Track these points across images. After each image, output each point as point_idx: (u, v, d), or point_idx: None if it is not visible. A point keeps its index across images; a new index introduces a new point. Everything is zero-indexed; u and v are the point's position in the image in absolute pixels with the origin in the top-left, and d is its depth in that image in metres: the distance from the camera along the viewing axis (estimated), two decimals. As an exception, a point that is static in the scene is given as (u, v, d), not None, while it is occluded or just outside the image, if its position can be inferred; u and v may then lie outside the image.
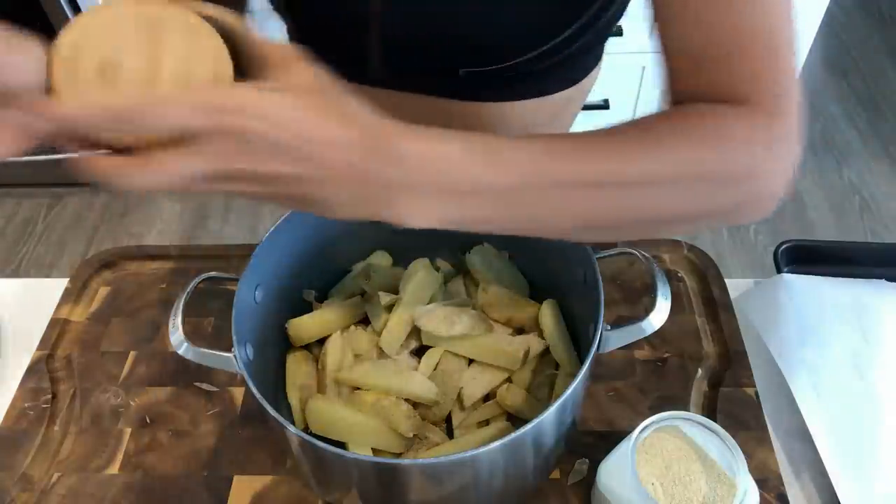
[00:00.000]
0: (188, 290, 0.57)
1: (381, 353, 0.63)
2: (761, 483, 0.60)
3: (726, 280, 0.77)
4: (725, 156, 0.43)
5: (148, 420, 0.69)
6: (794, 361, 0.67)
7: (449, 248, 0.71)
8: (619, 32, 1.75)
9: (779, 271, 0.76)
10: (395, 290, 0.66)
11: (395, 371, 0.60)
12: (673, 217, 0.44)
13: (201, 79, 0.36)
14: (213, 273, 0.60)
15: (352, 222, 0.39)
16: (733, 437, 0.52)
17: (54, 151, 0.35)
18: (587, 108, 1.79)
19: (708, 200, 0.43)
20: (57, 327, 0.76)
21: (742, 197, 0.44)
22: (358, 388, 0.61)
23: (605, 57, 0.71)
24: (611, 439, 0.58)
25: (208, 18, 0.37)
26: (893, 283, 0.74)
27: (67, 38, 0.35)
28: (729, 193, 0.44)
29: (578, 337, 0.64)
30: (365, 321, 0.66)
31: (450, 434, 0.62)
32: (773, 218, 2.00)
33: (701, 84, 0.45)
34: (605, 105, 1.95)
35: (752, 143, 0.43)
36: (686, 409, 0.67)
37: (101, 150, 0.34)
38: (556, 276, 0.64)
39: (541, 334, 0.64)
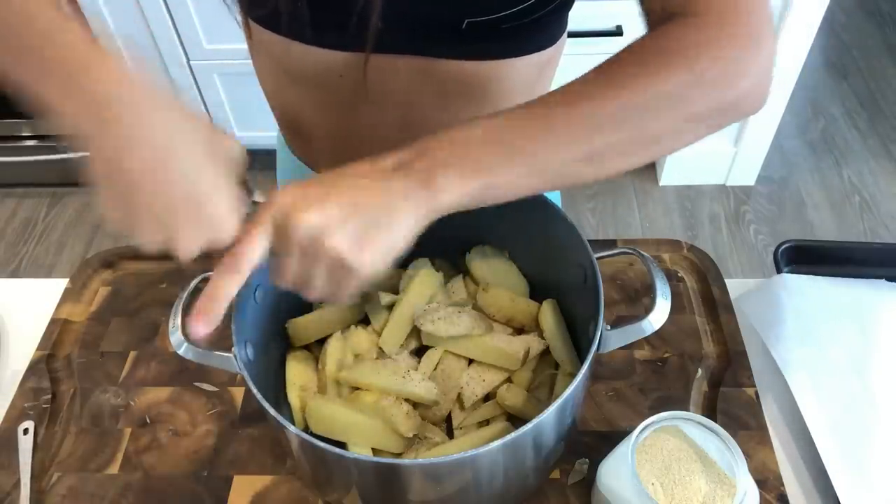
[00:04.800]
0: (188, 290, 0.57)
1: (381, 353, 0.63)
2: (761, 483, 0.60)
3: (726, 280, 0.77)
4: (705, 67, 0.47)
5: (148, 420, 0.69)
6: (794, 361, 0.67)
7: (449, 248, 0.71)
8: (620, 32, 1.75)
9: (779, 271, 0.76)
10: (395, 290, 0.66)
11: (395, 371, 0.60)
12: (669, 130, 0.48)
13: None
14: (213, 273, 0.59)
15: None
16: (733, 437, 0.52)
17: None
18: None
19: (701, 107, 0.48)
20: (57, 327, 0.76)
21: (732, 96, 0.48)
22: (358, 388, 0.61)
23: (604, 57, 0.72)
24: (611, 439, 0.58)
25: None
26: (893, 283, 0.74)
27: None
28: (714, 97, 0.48)
29: (578, 337, 0.63)
30: (365, 321, 0.66)
31: (450, 434, 0.62)
32: (773, 218, 2.00)
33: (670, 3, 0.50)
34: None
35: (730, 49, 0.47)
36: (686, 409, 0.67)
37: None
38: (556, 276, 0.64)
39: (541, 334, 0.64)
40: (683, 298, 0.76)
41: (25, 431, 0.67)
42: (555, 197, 0.85)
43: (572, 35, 1.69)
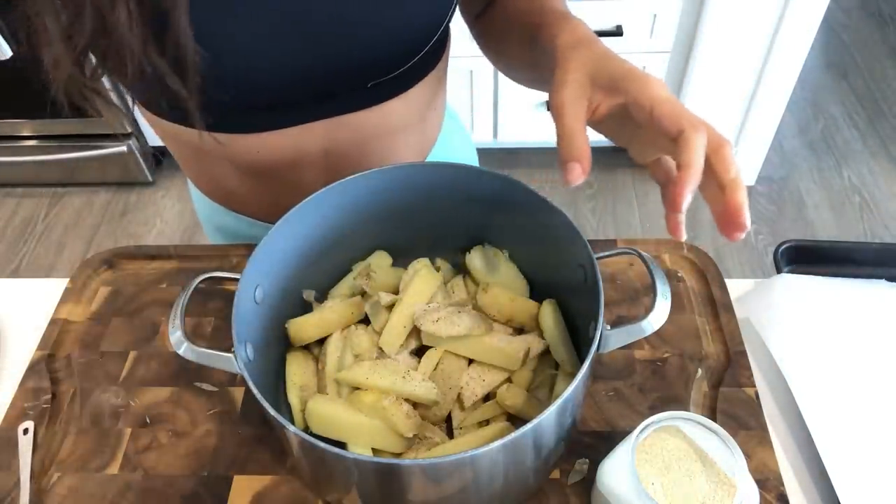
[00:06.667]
0: (188, 290, 0.57)
1: (381, 353, 0.63)
2: (761, 483, 0.60)
3: (726, 280, 0.77)
4: None
5: (148, 420, 0.69)
6: (794, 361, 0.67)
7: (449, 248, 0.71)
8: (620, 32, 1.75)
9: (779, 271, 0.76)
10: (395, 290, 0.66)
11: (395, 371, 0.60)
12: None
13: None
14: (213, 273, 0.60)
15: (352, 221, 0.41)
16: (733, 437, 0.52)
17: None
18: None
19: None
20: (57, 327, 0.76)
21: None
22: (358, 388, 0.61)
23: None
24: (611, 439, 0.58)
25: None
26: (893, 283, 0.74)
27: None
28: None
29: (578, 337, 0.64)
30: (365, 321, 0.66)
31: (450, 434, 0.62)
32: (773, 218, 2.00)
33: None
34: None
35: None
36: (686, 409, 0.67)
37: None
38: (556, 276, 0.64)
39: (541, 334, 0.64)
40: (683, 298, 0.76)
41: (25, 431, 0.67)
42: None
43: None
